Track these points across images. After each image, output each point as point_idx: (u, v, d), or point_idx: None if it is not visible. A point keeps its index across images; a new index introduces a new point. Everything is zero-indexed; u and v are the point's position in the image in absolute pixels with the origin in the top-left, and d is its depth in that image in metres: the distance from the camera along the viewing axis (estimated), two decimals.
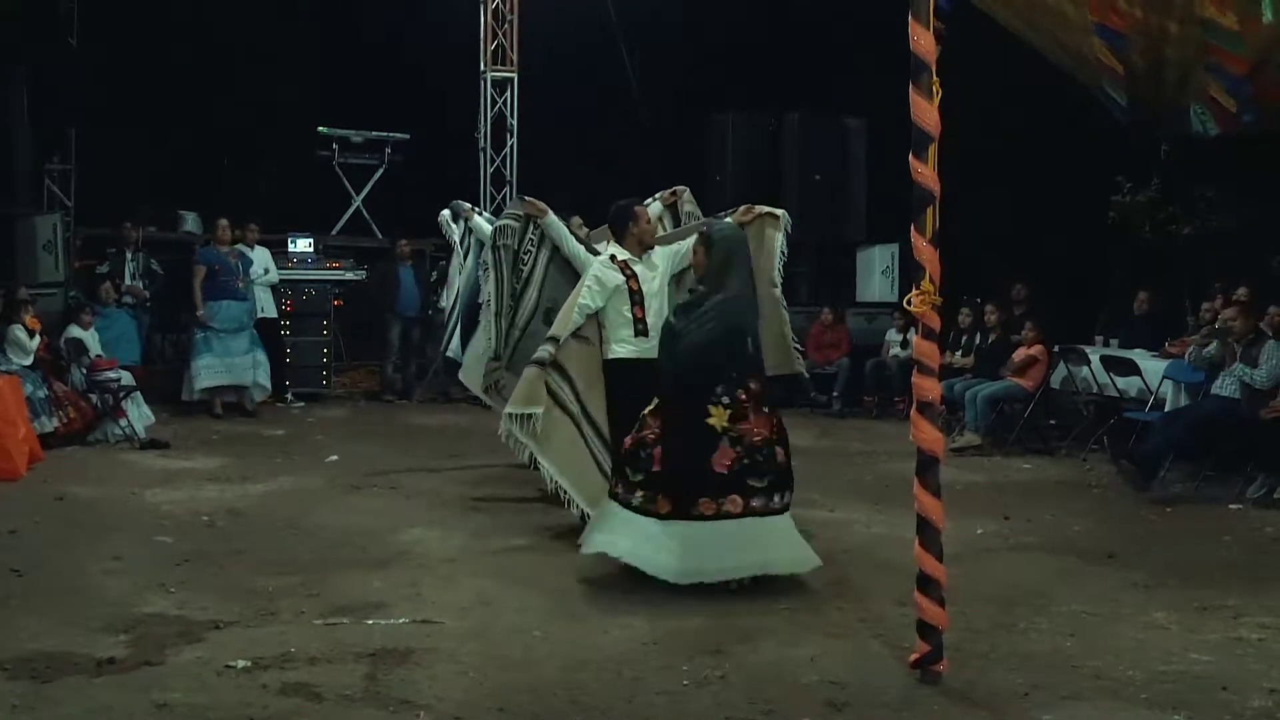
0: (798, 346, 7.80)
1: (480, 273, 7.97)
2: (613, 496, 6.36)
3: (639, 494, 6.23)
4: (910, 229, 4.94)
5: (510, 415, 6.80)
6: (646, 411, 6.35)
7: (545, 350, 6.93)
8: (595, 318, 7.15)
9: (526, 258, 7.87)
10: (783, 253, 7.47)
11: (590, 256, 7.78)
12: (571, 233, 8.06)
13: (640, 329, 7.06)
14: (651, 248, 7.26)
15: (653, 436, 6.26)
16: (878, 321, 13.96)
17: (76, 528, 7.51)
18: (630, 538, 6.21)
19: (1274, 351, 8.90)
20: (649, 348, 6.93)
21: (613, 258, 7.15)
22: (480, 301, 8.22)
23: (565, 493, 7.07)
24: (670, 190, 8.26)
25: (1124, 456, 9.24)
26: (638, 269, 7.14)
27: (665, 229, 8.15)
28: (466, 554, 7.07)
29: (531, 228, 7.87)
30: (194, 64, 14.39)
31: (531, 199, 8.00)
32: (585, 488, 7.02)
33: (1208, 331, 10.01)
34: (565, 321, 7.05)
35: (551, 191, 8.64)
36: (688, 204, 8.19)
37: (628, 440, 6.36)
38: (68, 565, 6.62)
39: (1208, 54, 9.53)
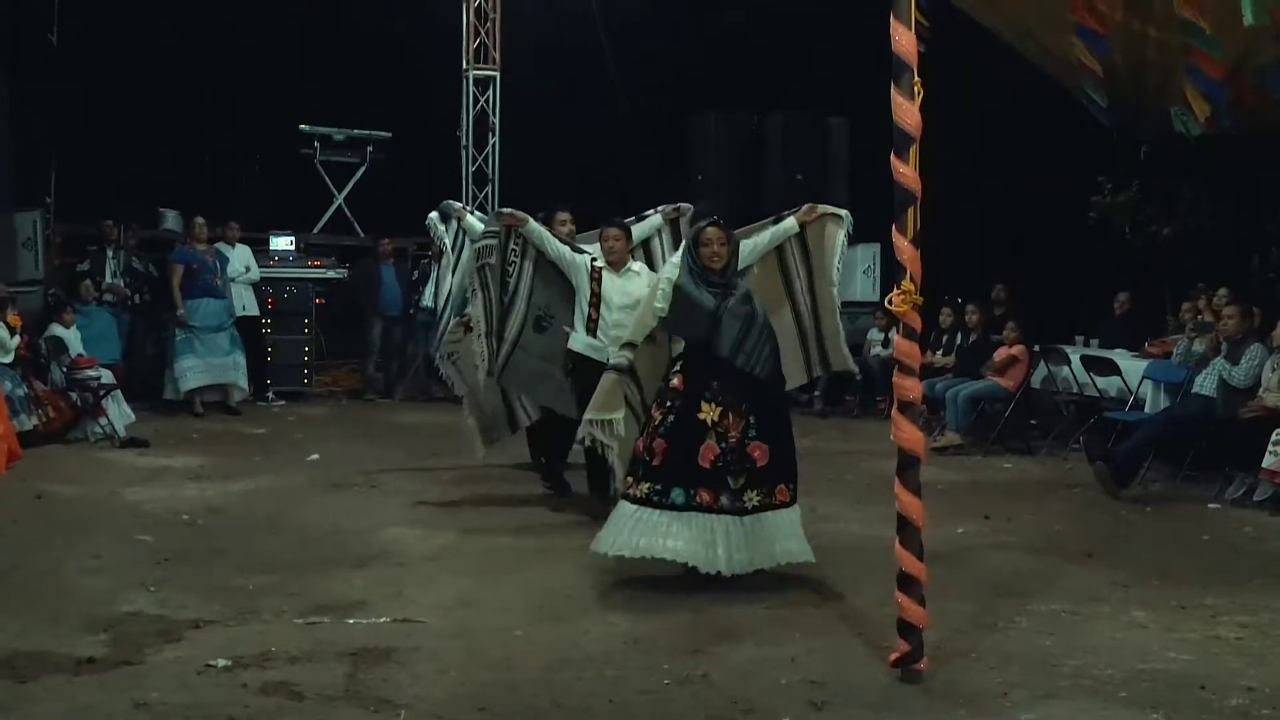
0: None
1: (469, 293, 7.97)
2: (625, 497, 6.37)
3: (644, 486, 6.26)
4: (892, 229, 4.95)
5: (590, 421, 6.77)
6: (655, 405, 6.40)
7: (624, 356, 6.93)
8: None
9: (511, 269, 7.88)
10: (842, 251, 7.48)
11: (575, 255, 7.81)
12: (555, 232, 8.08)
13: None
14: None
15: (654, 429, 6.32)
16: (859, 321, 13.94)
17: (56, 526, 7.49)
18: (646, 534, 6.22)
19: (1257, 353, 8.96)
20: None
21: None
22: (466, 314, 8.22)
23: None
24: (674, 206, 8.34)
25: (1100, 458, 9.27)
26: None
27: (665, 244, 8.18)
28: (448, 553, 7.06)
29: (513, 239, 7.88)
30: (175, 61, 14.33)
31: (510, 210, 8.04)
32: None
33: (1196, 325, 10.07)
34: (641, 326, 7.07)
35: (534, 190, 8.65)
36: (689, 221, 8.21)
37: (640, 444, 6.38)
38: (47, 564, 6.60)
39: (1188, 56, 9.58)
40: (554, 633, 5.61)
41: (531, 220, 7.92)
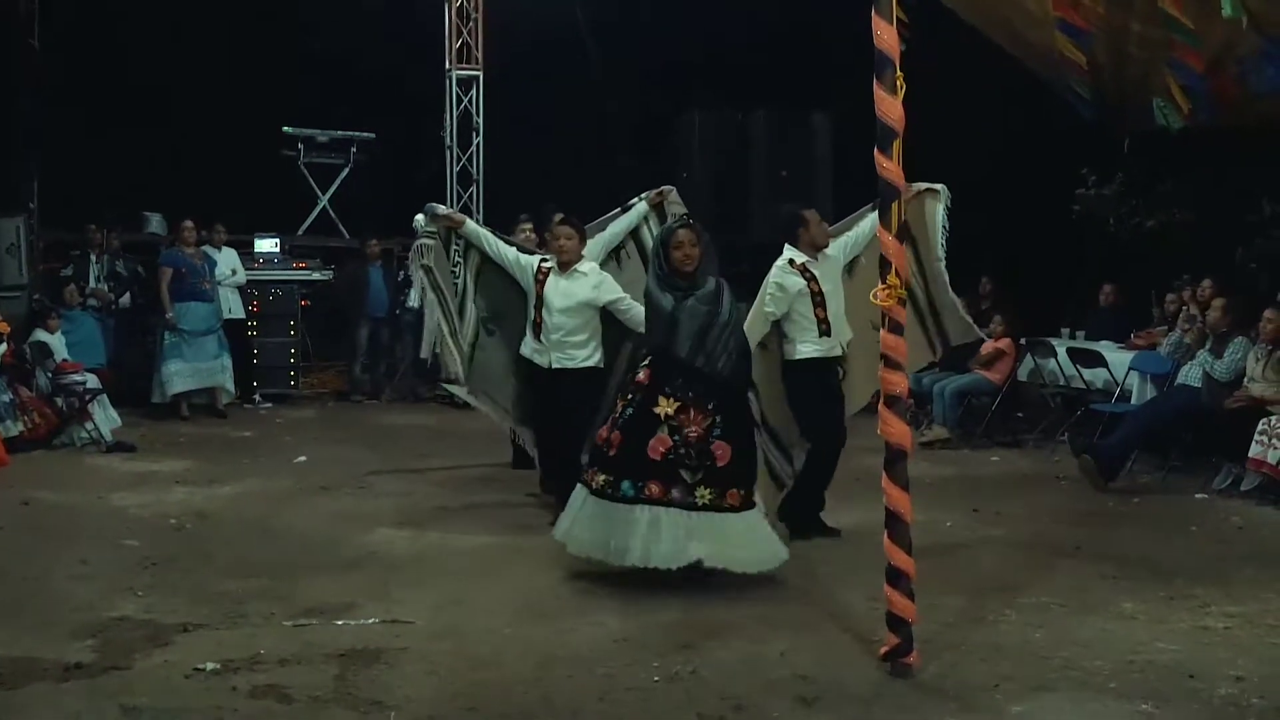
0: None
1: (423, 298, 7.91)
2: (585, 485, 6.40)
3: (600, 477, 6.30)
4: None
5: None
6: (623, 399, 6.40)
7: None
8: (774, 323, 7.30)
9: (457, 270, 7.87)
10: (945, 227, 7.61)
11: (521, 256, 7.74)
12: (524, 234, 8.06)
13: (824, 329, 7.21)
14: (824, 248, 7.35)
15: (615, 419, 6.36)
16: None
17: (42, 532, 7.46)
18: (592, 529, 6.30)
19: (1240, 346, 9.00)
20: (831, 345, 7.24)
21: (790, 262, 7.24)
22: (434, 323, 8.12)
23: None
24: (656, 190, 8.30)
25: (1086, 451, 9.29)
26: (816, 271, 7.25)
27: (651, 229, 8.15)
28: (436, 553, 7.05)
29: (454, 240, 7.85)
30: (158, 64, 14.28)
31: (448, 212, 7.96)
32: (761, 495, 7.04)
33: (1187, 318, 10.11)
34: (752, 333, 7.11)
35: (518, 191, 8.62)
36: (674, 204, 8.20)
37: (601, 434, 6.40)
38: (34, 570, 6.57)
39: (1169, 50, 9.62)
40: (543, 632, 5.61)
41: (470, 221, 7.90)
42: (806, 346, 7.21)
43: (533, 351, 7.64)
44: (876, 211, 7.41)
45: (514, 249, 7.85)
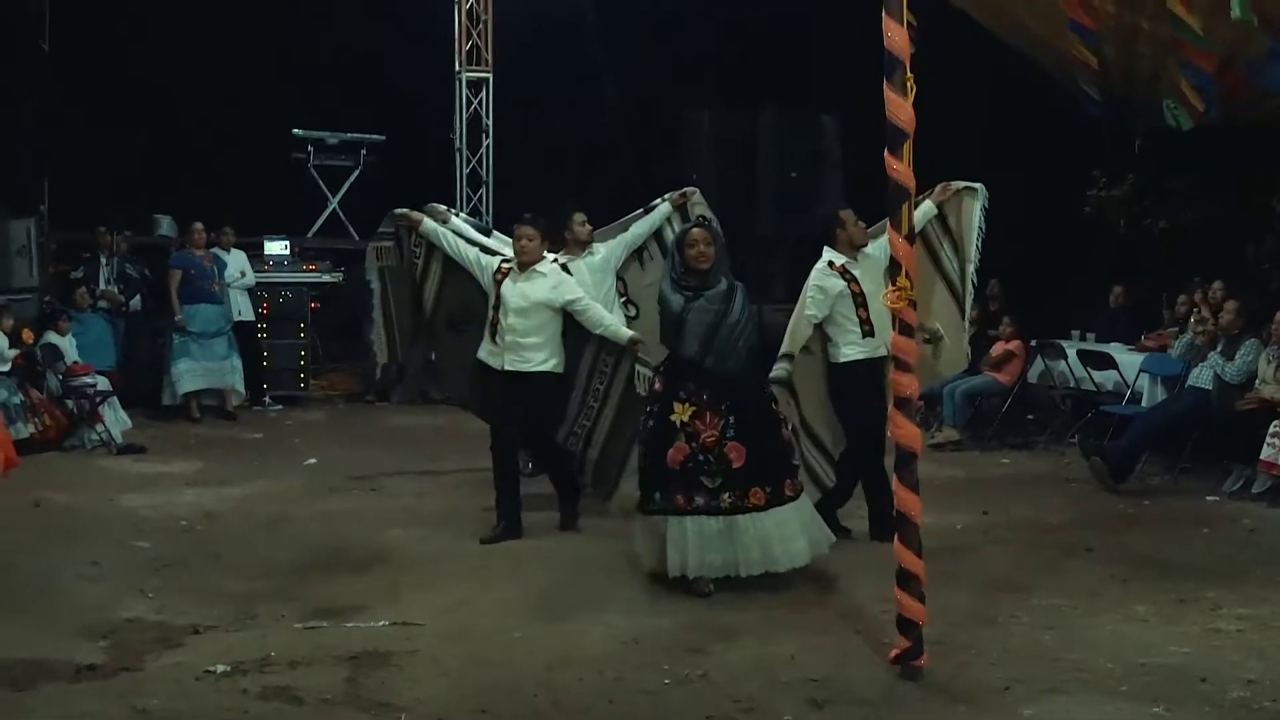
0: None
1: (367, 295, 8.00)
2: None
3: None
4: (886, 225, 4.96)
5: None
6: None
7: (782, 369, 7.02)
8: (816, 326, 7.27)
9: (415, 269, 7.89)
10: (980, 228, 7.60)
11: (482, 256, 7.67)
12: (574, 235, 8.05)
13: (867, 330, 7.17)
14: (863, 246, 7.33)
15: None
16: None
17: (53, 534, 7.47)
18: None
19: (1251, 348, 8.98)
20: (876, 346, 7.12)
21: (830, 264, 7.23)
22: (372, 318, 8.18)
23: None
24: (680, 192, 8.22)
25: (1096, 454, 9.26)
26: (856, 272, 7.23)
27: (674, 230, 8.11)
28: (446, 556, 7.05)
29: (412, 239, 7.86)
30: (167, 66, 14.30)
31: (403, 211, 7.93)
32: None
33: (1199, 320, 10.09)
34: (795, 337, 7.15)
35: (528, 192, 8.59)
36: (698, 205, 8.15)
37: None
38: (45, 571, 6.58)
39: (1179, 50, 9.59)
40: (553, 634, 5.61)
41: (427, 220, 7.84)
42: (851, 349, 7.17)
43: (488, 354, 7.47)
44: (915, 210, 7.45)
45: (476, 249, 7.74)
